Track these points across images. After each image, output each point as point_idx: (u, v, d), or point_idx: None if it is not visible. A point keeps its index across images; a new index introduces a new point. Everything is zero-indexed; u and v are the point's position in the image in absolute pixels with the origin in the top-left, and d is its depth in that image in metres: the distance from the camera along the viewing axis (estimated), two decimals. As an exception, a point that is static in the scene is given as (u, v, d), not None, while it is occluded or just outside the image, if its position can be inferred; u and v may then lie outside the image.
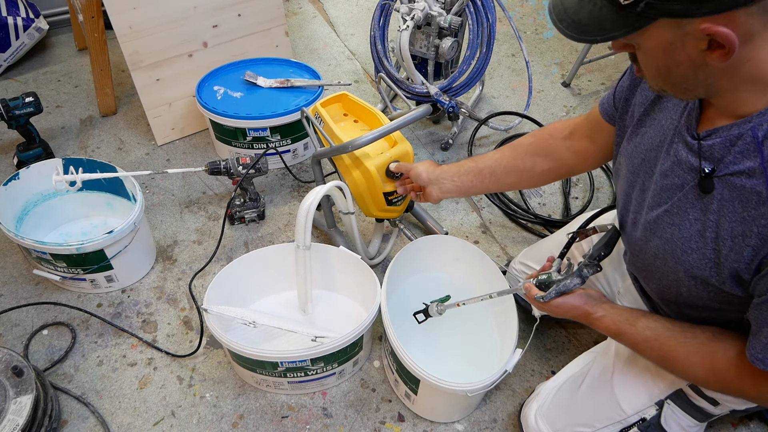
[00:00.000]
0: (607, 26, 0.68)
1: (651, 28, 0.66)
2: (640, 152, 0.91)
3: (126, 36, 1.77)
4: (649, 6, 0.63)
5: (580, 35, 0.71)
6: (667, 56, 0.69)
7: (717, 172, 0.76)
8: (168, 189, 1.82)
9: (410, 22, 1.73)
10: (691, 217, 0.80)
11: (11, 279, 1.53)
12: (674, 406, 0.98)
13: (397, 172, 1.33)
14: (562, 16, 0.72)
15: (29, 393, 1.09)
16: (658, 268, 0.90)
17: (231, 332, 1.32)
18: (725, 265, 0.77)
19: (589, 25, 0.69)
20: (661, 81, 0.75)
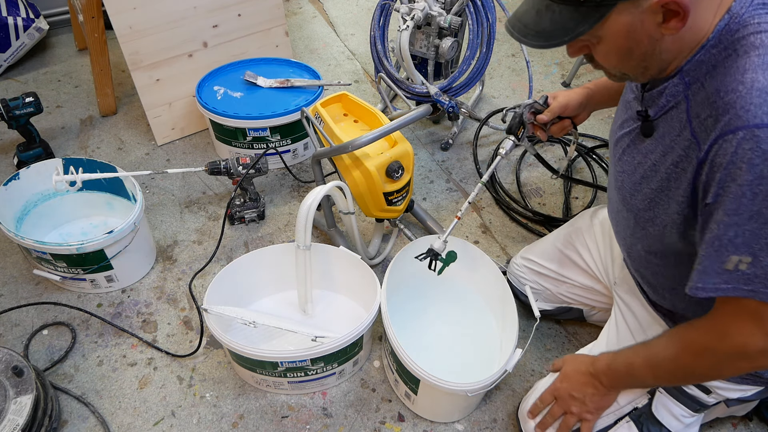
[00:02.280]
0: (571, 26, 0.75)
1: (612, 16, 0.73)
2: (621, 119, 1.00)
3: (126, 36, 1.77)
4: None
5: (547, 42, 0.77)
6: (629, 38, 0.76)
7: (653, 116, 0.87)
8: (168, 189, 1.82)
9: (410, 22, 1.73)
10: (641, 163, 0.90)
11: (11, 279, 1.53)
12: (665, 394, 1.00)
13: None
14: (525, 32, 0.79)
15: (29, 393, 1.09)
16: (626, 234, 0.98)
17: (231, 332, 1.32)
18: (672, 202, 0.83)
19: (554, 30, 0.76)
20: (623, 65, 0.82)
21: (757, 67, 0.71)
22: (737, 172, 0.70)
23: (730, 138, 0.70)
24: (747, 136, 0.69)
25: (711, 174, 0.74)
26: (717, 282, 0.75)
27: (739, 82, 0.71)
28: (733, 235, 0.72)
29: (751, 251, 0.71)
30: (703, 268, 0.76)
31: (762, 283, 0.72)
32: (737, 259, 0.72)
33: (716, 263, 0.74)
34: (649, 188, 0.87)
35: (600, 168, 1.92)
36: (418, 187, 1.85)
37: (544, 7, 0.76)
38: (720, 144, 0.72)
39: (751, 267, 0.72)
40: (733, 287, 0.74)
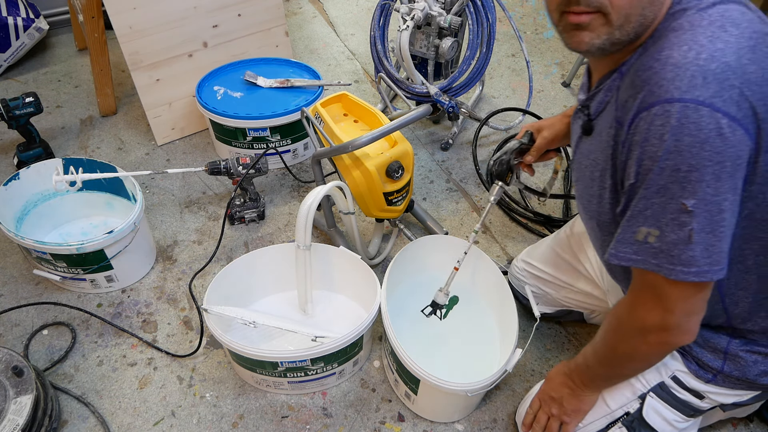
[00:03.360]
0: None
1: None
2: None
3: (126, 36, 1.77)
4: None
5: None
6: None
7: (593, 114, 0.87)
8: (168, 189, 1.82)
9: (410, 22, 1.73)
10: (585, 164, 0.91)
11: (11, 279, 1.53)
12: (657, 399, 0.99)
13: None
14: None
15: (29, 393, 1.09)
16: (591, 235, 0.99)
17: (231, 332, 1.32)
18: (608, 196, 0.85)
19: None
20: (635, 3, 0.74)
21: (673, 45, 0.72)
22: (650, 148, 0.71)
23: (645, 115, 0.72)
24: (659, 111, 0.70)
25: (629, 153, 0.76)
26: (628, 252, 0.77)
27: (655, 59, 0.73)
28: (642, 207, 0.74)
29: (658, 225, 0.73)
30: (619, 237, 0.79)
31: (666, 258, 0.74)
32: (646, 230, 0.74)
33: (629, 233, 0.77)
34: (598, 188, 0.87)
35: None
36: (418, 187, 1.85)
37: None
38: (637, 123, 0.73)
39: (658, 241, 0.74)
40: (642, 259, 0.76)
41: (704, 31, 0.72)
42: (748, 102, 0.69)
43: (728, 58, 0.69)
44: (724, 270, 0.74)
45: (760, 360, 0.91)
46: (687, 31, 0.72)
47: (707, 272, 0.73)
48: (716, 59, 0.69)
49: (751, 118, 0.69)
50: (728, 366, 0.92)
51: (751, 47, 0.71)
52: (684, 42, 0.71)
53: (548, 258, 1.29)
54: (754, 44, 0.71)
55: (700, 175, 0.68)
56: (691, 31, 0.72)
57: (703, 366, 0.95)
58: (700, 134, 0.67)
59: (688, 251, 0.72)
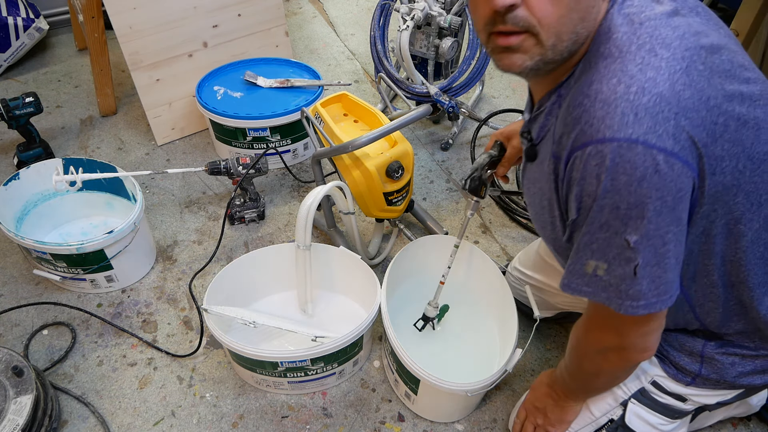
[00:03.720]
0: None
1: None
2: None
3: (126, 36, 1.77)
4: None
5: None
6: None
7: (536, 139, 0.84)
8: (168, 189, 1.82)
9: (410, 22, 1.73)
10: (533, 191, 0.87)
11: (11, 279, 1.53)
12: (638, 404, 0.99)
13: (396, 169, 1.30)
14: None
15: (29, 393, 1.09)
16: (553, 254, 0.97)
17: (231, 332, 1.32)
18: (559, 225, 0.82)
19: None
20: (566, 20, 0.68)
21: (602, 77, 0.68)
22: (588, 187, 0.69)
23: (579, 155, 0.69)
24: (592, 152, 0.67)
25: (569, 191, 0.74)
26: (580, 284, 0.76)
27: (585, 95, 0.69)
28: (588, 240, 0.73)
29: (605, 258, 0.72)
30: (569, 268, 0.78)
31: (615, 292, 0.73)
32: (594, 263, 0.73)
33: (578, 264, 0.75)
34: (549, 216, 0.84)
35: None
36: (418, 187, 1.85)
37: None
38: (573, 160, 0.71)
39: (606, 274, 0.73)
40: (592, 291, 0.75)
41: (633, 57, 0.68)
42: (684, 132, 0.66)
43: (660, 88, 0.65)
44: (673, 297, 0.74)
45: (737, 361, 0.90)
46: (616, 59, 0.69)
47: (655, 303, 0.73)
48: (647, 91, 0.65)
49: (690, 148, 0.67)
50: (706, 369, 0.92)
51: (684, 69, 0.67)
52: (613, 73, 0.68)
53: (538, 265, 1.29)
54: (687, 65, 0.68)
55: (641, 212, 0.67)
56: (620, 58, 0.68)
57: (681, 369, 0.95)
58: (636, 173, 0.65)
59: (635, 285, 0.71)
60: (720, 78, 0.70)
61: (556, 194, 0.78)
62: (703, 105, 0.67)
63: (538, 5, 0.67)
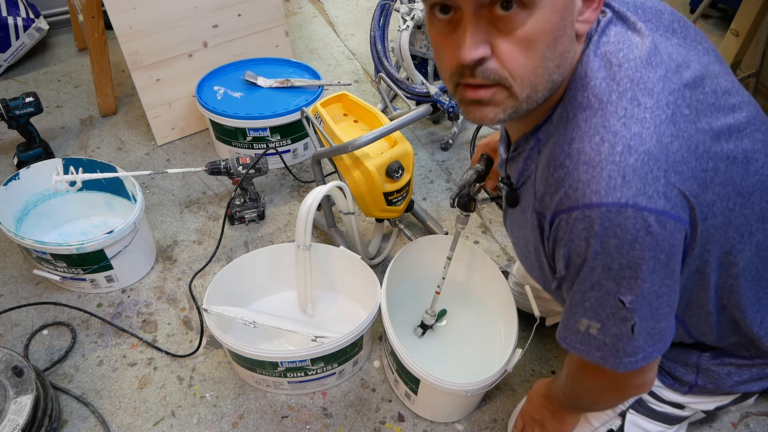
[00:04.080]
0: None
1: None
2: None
3: (126, 36, 1.77)
4: None
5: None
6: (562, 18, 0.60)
7: (516, 184, 0.79)
8: (168, 189, 1.82)
9: (410, 22, 1.73)
10: (517, 235, 0.84)
11: (11, 279, 1.53)
12: (637, 414, 0.99)
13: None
14: None
15: (29, 393, 1.09)
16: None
17: (231, 332, 1.32)
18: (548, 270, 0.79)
19: None
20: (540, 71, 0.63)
21: (584, 134, 0.64)
22: (576, 248, 0.66)
23: (565, 218, 0.66)
24: (579, 216, 0.64)
25: (556, 248, 0.71)
26: (573, 341, 0.75)
27: (566, 155, 0.65)
28: (580, 299, 0.70)
29: (598, 318, 0.69)
30: (564, 322, 0.76)
31: (611, 351, 0.71)
32: (587, 322, 0.71)
33: (571, 321, 0.73)
34: (536, 260, 0.81)
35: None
36: (418, 187, 1.85)
37: None
38: (558, 222, 0.67)
39: (600, 333, 0.71)
40: (586, 350, 0.74)
41: (615, 109, 0.63)
42: (675, 188, 0.62)
43: (647, 145, 0.61)
44: (668, 341, 0.72)
45: (733, 371, 0.90)
46: (596, 110, 0.64)
47: (652, 353, 0.71)
48: (634, 150, 0.61)
49: (681, 203, 0.64)
50: (702, 379, 0.92)
51: (670, 118, 0.63)
52: (595, 129, 0.63)
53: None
54: (673, 112, 0.64)
55: (634, 272, 0.64)
56: (600, 110, 0.64)
57: (677, 380, 0.95)
58: (627, 236, 0.62)
59: (632, 342, 0.70)
60: (706, 117, 0.67)
61: (543, 246, 0.75)
62: (692, 155, 0.64)
63: (510, 57, 0.60)
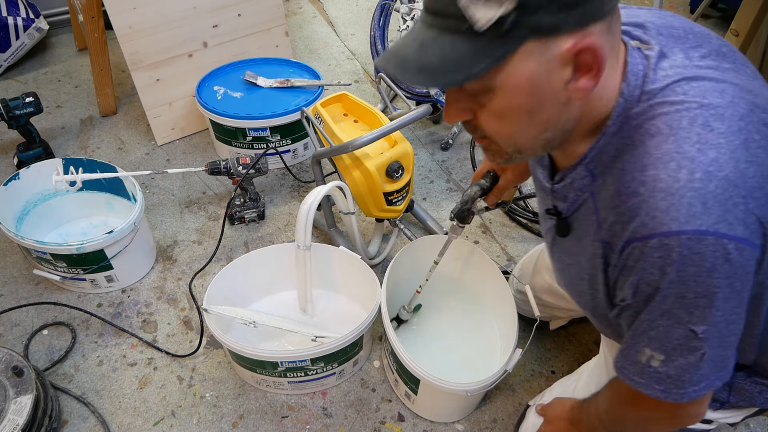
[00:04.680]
0: (466, 62, 0.58)
1: (516, 59, 0.58)
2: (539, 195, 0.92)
3: (126, 36, 1.77)
4: (516, 24, 0.55)
5: (433, 78, 0.60)
6: (532, 95, 0.61)
7: (565, 213, 0.77)
8: (168, 189, 1.82)
9: (410, 22, 1.73)
10: (567, 263, 0.82)
11: (11, 279, 1.53)
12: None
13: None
14: (404, 66, 0.61)
15: (29, 393, 1.09)
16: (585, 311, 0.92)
17: (231, 332, 1.32)
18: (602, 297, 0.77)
19: (443, 65, 0.59)
20: (521, 134, 0.66)
21: (656, 161, 0.63)
22: (649, 277, 0.64)
23: (639, 246, 0.64)
24: (656, 244, 0.62)
25: (624, 276, 0.69)
26: (632, 372, 0.73)
27: (640, 183, 0.63)
28: (645, 327, 0.69)
29: (663, 349, 0.68)
30: (622, 350, 0.74)
31: (674, 383, 0.69)
32: (650, 353, 0.69)
33: (632, 350, 0.72)
34: (589, 288, 0.80)
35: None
36: (418, 187, 1.85)
37: (430, 40, 0.60)
38: (630, 250, 0.66)
39: (663, 366, 0.69)
40: (645, 383, 0.72)
41: (688, 135, 0.62)
42: (753, 215, 0.62)
43: (725, 171, 0.60)
44: (731, 369, 0.71)
45: (765, 389, 0.89)
46: (668, 137, 0.62)
47: (714, 381, 0.69)
48: (713, 177, 0.60)
49: (758, 230, 0.63)
50: (734, 397, 0.91)
51: (743, 143, 0.62)
52: (669, 156, 0.62)
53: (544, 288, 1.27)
54: (746, 137, 0.63)
55: (710, 301, 0.62)
56: (672, 137, 0.62)
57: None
58: (706, 263, 0.60)
59: (698, 372, 0.68)
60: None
61: (604, 274, 0.73)
62: (765, 180, 0.63)
63: (486, 124, 0.65)
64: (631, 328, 0.71)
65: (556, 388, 1.14)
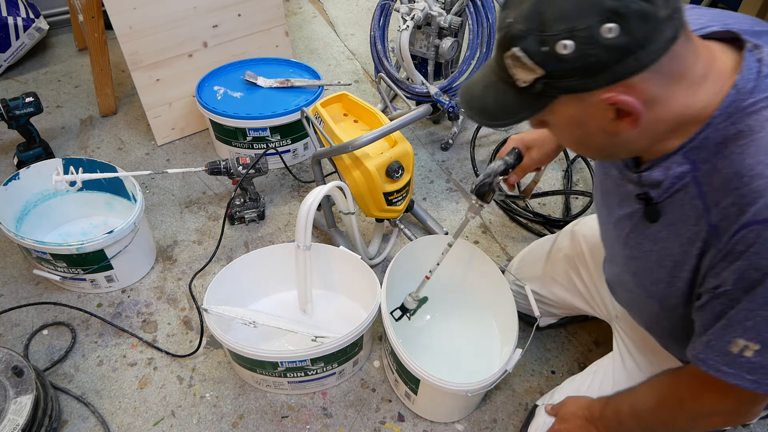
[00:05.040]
0: (513, 109, 0.69)
1: (555, 106, 0.67)
2: (604, 185, 0.92)
3: (126, 36, 1.77)
4: (546, 86, 0.64)
5: (489, 120, 0.73)
6: (579, 129, 0.70)
7: (657, 198, 0.78)
8: (168, 189, 1.82)
9: (410, 22, 1.73)
10: (648, 248, 0.82)
11: (11, 279, 1.53)
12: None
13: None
14: (472, 104, 0.74)
15: (29, 393, 1.09)
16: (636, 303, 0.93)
17: (231, 332, 1.32)
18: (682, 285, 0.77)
19: (496, 110, 0.71)
20: (582, 151, 0.77)
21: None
22: (761, 261, 0.65)
23: (758, 228, 0.65)
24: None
25: (728, 261, 0.69)
26: (719, 363, 0.72)
27: (765, 165, 0.65)
28: (743, 317, 0.68)
29: (760, 339, 0.68)
30: (707, 341, 0.73)
31: (766, 373, 0.69)
32: (744, 343, 0.69)
33: (722, 342, 0.71)
34: (668, 275, 0.80)
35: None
36: (418, 187, 1.85)
37: (491, 83, 0.71)
38: (745, 233, 0.66)
39: (758, 355, 0.69)
40: (735, 373, 0.71)
41: None
42: None
43: None
44: None
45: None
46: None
47: None
48: None
49: None
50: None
51: None
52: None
53: (540, 280, 1.28)
54: None
55: None
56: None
57: None
58: None
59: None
60: None
61: (697, 259, 0.74)
62: None
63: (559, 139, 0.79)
64: (721, 319, 0.71)
65: (566, 387, 1.14)
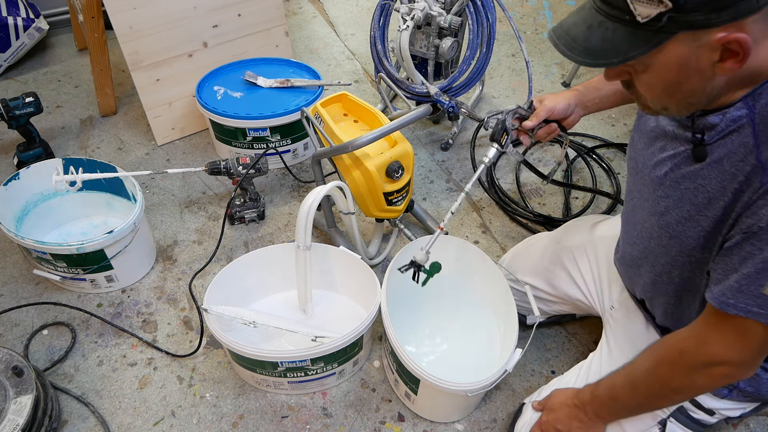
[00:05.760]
0: (624, 47, 0.68)
1: (668, 45, 0.67)
2: (644, 130, 0.93)
3: (126, 36, 1.77)
4: (671, 20, 0.64)
5: (595, 60, 0.71)
6: (679, 71, 0.70)
7: (709, 140, 0.79)
8: (168, 189, 1.82)
9: (410, 22, 1.73)
10: (686, 186, 0.83)
11: (11, 279, 1.53)
12: (676, 422, 0.98)
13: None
14: (572, 46, 0.72)
15: (29, 393, 1.09)
16: (653, 251, 0.93)
17: (231, 332, 1.32)
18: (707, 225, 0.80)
19: (604, 49, 0.70)
20: (667, 99, 0.76)
21: None
22: None
23: None
24: None
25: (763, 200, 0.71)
26: (750, 304, 0.73)
27: None
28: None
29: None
30: (738, 286, 0.74)
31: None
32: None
33: (754, 285, 0.72)
34: (696, 213, 0.82)
35: (600, 168, 1.92)
36: (418, 187, 1.85)
37: (597, 23, 0.70)
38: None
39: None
40: (765, 313, 0.72)
41: None
42: None
43: None
44: None
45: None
46: None
47: None
48: None
49: None
50: (744, 382, 0.92)
51: None
52: None
53: (538, 272, 1.28)
54: None
55: None
56: None
57: None
58: None
59: None
60: None
61: (732, 196, 0.75)
62: None
63: (639, 85, 0.76)
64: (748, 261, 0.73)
65: (553, 385, 1.15)
